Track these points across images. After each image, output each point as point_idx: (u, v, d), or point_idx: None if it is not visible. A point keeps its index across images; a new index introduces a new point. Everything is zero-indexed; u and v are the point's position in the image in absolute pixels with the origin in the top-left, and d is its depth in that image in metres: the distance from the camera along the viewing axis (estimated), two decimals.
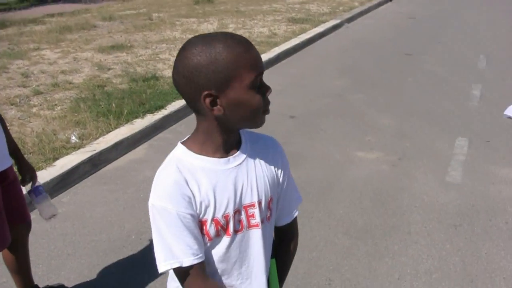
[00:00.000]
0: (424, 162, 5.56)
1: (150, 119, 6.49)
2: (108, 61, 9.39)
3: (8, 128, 3.22)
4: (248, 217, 1.72)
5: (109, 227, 4.49)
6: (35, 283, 3.53)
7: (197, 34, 7.14)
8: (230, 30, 11.99)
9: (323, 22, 12.94)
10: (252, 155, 1.75)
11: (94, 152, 5.54)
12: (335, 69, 9.31)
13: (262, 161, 1.77)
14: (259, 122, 1.63)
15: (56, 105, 7.06)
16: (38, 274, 3.62)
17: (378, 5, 16.21)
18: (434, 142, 6.05)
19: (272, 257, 1.90)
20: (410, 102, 7.47)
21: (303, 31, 11.88)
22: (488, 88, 7.99)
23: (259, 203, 1.72)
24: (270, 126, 6.42)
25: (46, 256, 4.06)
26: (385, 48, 10.81)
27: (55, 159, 5.41)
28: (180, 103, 7.03)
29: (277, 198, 1.83)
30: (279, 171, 1.82)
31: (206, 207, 1.64)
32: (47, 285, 3.64)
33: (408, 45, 11.07)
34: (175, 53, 9.78)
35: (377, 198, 4.84)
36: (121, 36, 11.65)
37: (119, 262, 4.02)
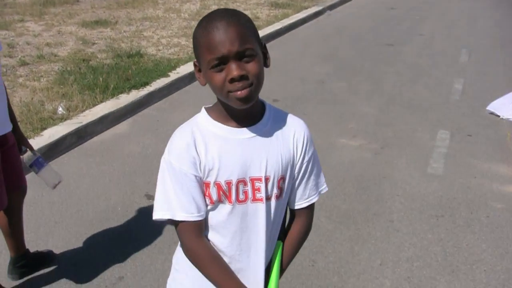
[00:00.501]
0: (406, 152, 5.63)
1: (135, 95, 6.46)
2: (93, 36, 9.33)
3: None
4: (254, 190, 1.76)
5: (95, 198, 4.52)
6: None
7: (179, 13, 7.13)
8: (212, 10, 11.93)
9: (305, 8, 12.94)
10: (271, 131, 1.79)
11: (81, 125, 5.54)
12: (317, 55, 9.34)
13: (280, 139, 1.80)
14: (231, 102, 1.67)
15: (42, 76, 7.07)
16: (27, 240, 3.62)
17: None
18: (415, 133, 6.12)
19: (279, 239, 1.93)
20: (391, 92, 7.53)
21: (285, 16, 11.87)
22: (470, 83, 8.08)
23: (266, 179, 1.76)
24: None
25: (34, 223, 4.09)
26: (366, 38, 10.86)
27: (43, 129, 5.42)
28: (165, 80, 7.04)
29: (290, 179, 1.84)
30: (299, 153, 1.83)
31: (210, 170, 1.72)
32: (37, 250, 3.68)
33: (389, 35, 11.13)
34: (158, 31, 9.77)
35: (359, 185, 4.90)
36: (104, 12, 11.55)
37: (105, 232, 4.06)
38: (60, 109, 5.83)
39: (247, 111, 1.71)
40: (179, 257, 1.87)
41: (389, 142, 5.84)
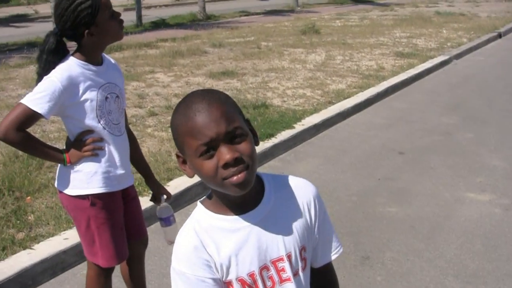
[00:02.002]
0: None
1: (260, 146, 6.61)
2: (219, 87, 9.65)
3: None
4: (279, 272, 1.66)
5: None
6: None
7: (305, 64, 7.30)
8: (337, 62, 12.10)
9: (431, 57, 12.78)
10: (277, 205, 1.68)
11: None
12: (444, 106, 9.18)
13: (290, 209, 1.70)
14: (227, 189, 1.54)
15: (169, 127, 7.33)
16: None
17: (487, 41, 15.82)
18: None
19: None
20: None
21: (411, 66, 11.79)
22: None
23: (288, 256, 1.66)
24: (378, 161, 6.46)
25: (157, 273, 4.22)
26: (495, 86, 10.55)
27: (169, 179, 5.62)
28: (290, 132, 7.17)
29: (311, 245, 1.76)
30: (313, 217, 1.74)
31: (228, 268, 1.61)
32: None
33: None
34: (284, 82, 9.98)
35: (489, 243, 4.73)
36: (231, 63, 11.97)
37: None
38: None
39: (247, 194, 1.56)
40: None
41: None
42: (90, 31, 2.81)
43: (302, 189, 1.75)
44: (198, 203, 1.68)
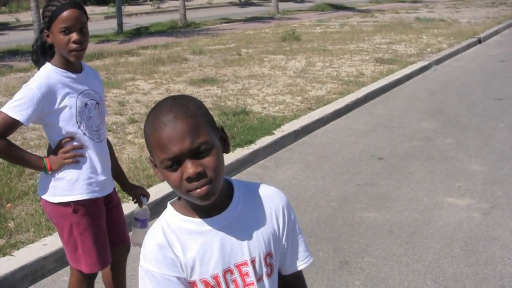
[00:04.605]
0: None
1: (240, 153, 6.62)
2: (200, 94, 9.64)
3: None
4: (242, 276, 1.70)
5: None
6: None
7: (285, 71, 7.35)
8: (317, 68, 12.12)
9: (411, 63, 12.85)
10: (245, 211, 1.72)
11: None
12: (423, 111, 9.22)
13: (257, 216, 1.74)
14: (192, 199, 1.60)
15: None
16: None
17: (467, 47, 15.93)
18: None
19: None
20: (502, 148, 7.29)
21: (391, 72, 11.83)
22: None
23: (252, 261, 1.70)
24: (358, 167, 6.46)
25: (137, 279, 4.17)
26: (474, 92, 10.62)
27: (149, 186, 5.60)
28: (270, 138, 7.17)
29: (278, 253, 1.79)
30: (281, 225, 1.78)
31: (192, 269, 1.66)
32: None
33: (499, 89, 10.82)
34: (264, 89, 9.98)
35: (468, 247, 4.74)
36: (211, 70, 11.95)
37: None
38: None
39: (214, 199, 1.62)
40: None
41: (500, 202, 5.63)
42: (48, 36, 2.88)
43: (272, 198, 1.79)
44: (168, 204, 1.74)
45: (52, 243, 4.47)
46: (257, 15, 27.13)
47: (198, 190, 1.55)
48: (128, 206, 4.41)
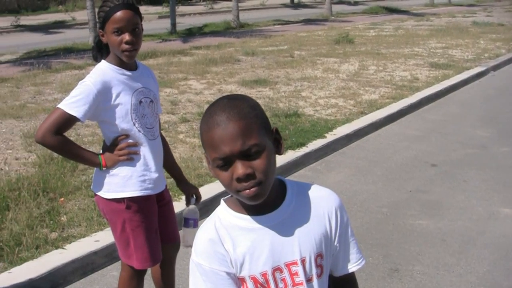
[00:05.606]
0: None
1: (291, 155, 6.60)
2: (251, 95, 9.60)
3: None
4: (292, 275, 1.69)
5: None
6: None
7: (337, 74, 7.24)
8: (370, 72, 12.00)
9: (467, 69, 12.60)
10: (297, 210, 1.73)
11: None
12: (479, 118, 9.02)
13: (309, 216, 1.74)
14: (241, 199, 1.63)
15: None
16: None
17: None
18: None
19: None
20: None
21: (446, 77, 11.63)
22: None
23: (303, 261, 1.70)
24: (410, 173, 6.36)
25: (186, 277, 4.19)
26: None
27: (200, 185, 5.61)
28: (321, 142, 7.13)
29: (329, 254, 1.77)
30: (334, 227, 1.77)
31: (241, 265, 1.67)
32: None
33: None
34: (316, 92, 9.94)
35: None
36: (263, 71, 11.97)
37: None
38: None
39: (266, 198, 1.64)
40: None
41: None
42: (103, 35, 2.94)
43: (325, 199, 1.79)
44: (222, 200, 1.76)
45: (103, 238, 4.55)
46: (310, 17, 27.07)
47: (247, 191, 1.57)
48: (179, 205, 4.43)
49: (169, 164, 3.43)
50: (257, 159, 1.57)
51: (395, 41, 17.22)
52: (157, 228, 3.23)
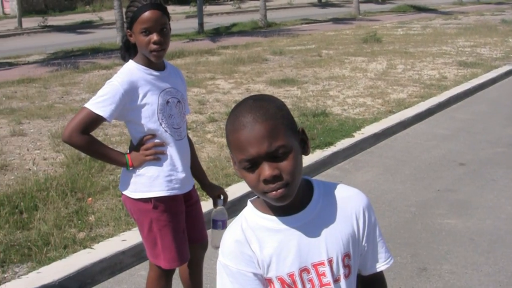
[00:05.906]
0: None
1: (319, 155, 6.65)
2: (279, 94, 9.70)
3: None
4: (319, 275, 1.69)
5: None
6: None
7: (365, 73, 7.23)
8: (398, 71, 11.98)
9: (496, 67, 12.51)
10: (324, 210, 1.71)
11: None
12: (508, 117, 8.96)
13: (336, 216, 1.73)
14: (267, 200, 1.62)
15: None
16: None
17: None
18: None
19: None
20: None
21: (474, 75, 11.56)
22: None
23: (330, 261, 1.69)
24: (439, 172, 6.36)
25: (214, 277, 4.24)
26: None
27: (228, 185, 5.67)
28: (349, 141, 7.16)
29: (357, 254, 1.77)
30: (361, 227, 1.76)
31: (268, 266, 1.67)
32: None
33: None
34: (344, 91, 9.95)
35: None
36: (291, 71, 12.01)
37: None
38: None
39: (292, 200, 1.63)
40: None
41: None
42: (131, 35, 2.96)
43: (352, 199, 1.78)
44: (248, 201, 1.76)
45: (131, 238, 4.58)
46: (337, 16, 27.03)
47: (274, 192, 1.57)
48: (207, 204, 4.47)
49: (194, 167, 3.40)
50: (284, 161, 1.56)
51: (423, 39, 17.13)
52: (185, 228, 3.24)
